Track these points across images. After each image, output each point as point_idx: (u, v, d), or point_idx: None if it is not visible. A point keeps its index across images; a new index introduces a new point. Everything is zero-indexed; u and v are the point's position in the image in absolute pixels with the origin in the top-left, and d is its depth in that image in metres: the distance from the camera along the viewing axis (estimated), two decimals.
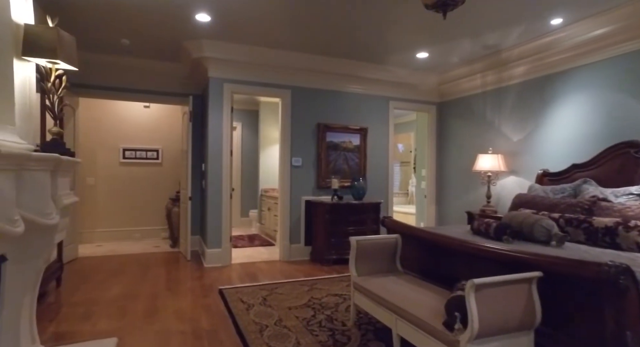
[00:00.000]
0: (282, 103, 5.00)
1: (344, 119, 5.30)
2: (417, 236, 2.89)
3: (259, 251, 5.57)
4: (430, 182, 5.88)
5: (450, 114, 5.70)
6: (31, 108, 2.06)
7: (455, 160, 5.56)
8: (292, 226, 5.02)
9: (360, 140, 5.39)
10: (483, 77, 4.93)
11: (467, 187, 5.31)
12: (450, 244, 2.52)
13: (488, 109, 4.98)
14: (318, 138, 5.13)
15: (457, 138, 5.53)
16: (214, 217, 4.63)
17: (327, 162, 5.18)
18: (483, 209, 4.59)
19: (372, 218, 4.99)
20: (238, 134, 8.03)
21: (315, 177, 5.14)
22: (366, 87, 5.38)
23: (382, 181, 5.56)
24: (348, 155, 5.32)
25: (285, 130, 4.98)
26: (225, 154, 4.69)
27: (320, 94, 5.15)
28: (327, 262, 4.71)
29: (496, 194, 4.79)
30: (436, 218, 5.89)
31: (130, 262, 4.75)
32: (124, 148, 6.18)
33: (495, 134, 4.85)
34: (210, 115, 4.63)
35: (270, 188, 7.11)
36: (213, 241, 4.61)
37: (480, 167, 4.57)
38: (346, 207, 4.79)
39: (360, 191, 5.02)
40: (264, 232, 7.01)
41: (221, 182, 4.66)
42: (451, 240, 2.51)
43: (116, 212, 6.12)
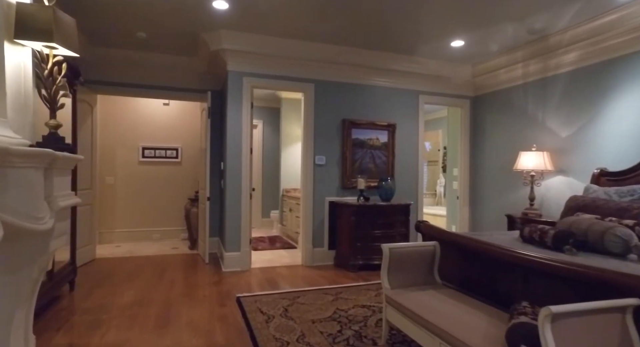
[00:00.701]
0: (305, 98, 4.71)
1: (370, 115, 4.95)
2: (459, 243, 2.52)
3: (280, 254, 5.30)
4: (463, 183, 5.45)
5: (485, 109, 5.25)
6: (27, 98, 1.84)
7: (492, 158, 5.11)
8: (315, 229, 4.72)
9: (388, 137, 5.02)
10: (525, 67, 4.47)
11: (504, 188, 4.86)
12: (501, 255, 2.15)
13: (530, 102, 4.51)
14: (343, 135, 4.81)
15: (494, 135, 5.08)
16: (233, 218, 4.39)
17: (353, 161, 4.85)
18: (525, 213, 4.15)
19: (401, 221, 4.62)
20: (259, 132, 7.82)
21: (340, 176, 4.82)
22: (394, 81, 5.01)
23: (412, 181, 5.18)
24: (375, 154, 4.97)
25: (308, 127, 4.69)
26: (245, 152, 4.44)
27: (345, 88, 4.83)
28: (353, 268, 4.38)
29: (540, 196, 4.33)
30: (470, 221, 5.45)
31: (147, 264, 4.58)
32: (143, 147, 6.05)
33: (539, 130, 4.39)
34: (229, 112, 4.39)
35: (292, 188, 6.84)
36: (232, 244, 4.37)
37: (523, 166, 4.13)
38: (373, 209, 4.45)
39: (389, 191, 4.66)
40: (285, 234, 6.75)
41: (240, 182, 4.42)
42: (503, 251, 2.13)
43: (135, 212, 6.00)
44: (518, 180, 4.62)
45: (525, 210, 4.18)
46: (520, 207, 4.55)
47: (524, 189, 4.54)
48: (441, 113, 7.78)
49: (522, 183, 4.42)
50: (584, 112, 3.88)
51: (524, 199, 4.53)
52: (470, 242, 2.40)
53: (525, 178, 4.27)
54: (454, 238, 2.60)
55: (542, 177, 4.16)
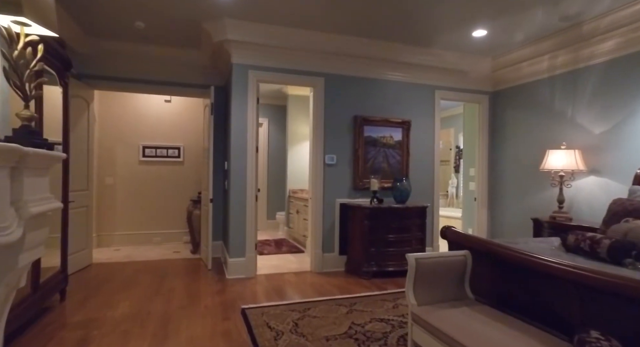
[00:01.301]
0: (314, 93, 4.41)
1: (383, 111, 4.64)
2: (495, 253, 2.20)
3: (287, 259, 5.00)
4: (481, 183, 5.12)
5: (505, 105, 4.92)
6: None
7: (513, 157, 4.77)
8: (325, 233, 4.42)
9: (402, 135, 4.71)
10: (552, 59, 4.14)
11: (528, 189, 4.53)
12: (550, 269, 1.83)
13: (558, 97, 4.18)
14: (354, 133, 4.50)
15: (515, 132, 4.74)
16: (237, 222, 4.09)
17: (365, 160, 4.55)
18: (553, 216, 3.82)
19: (418, 224, 4.30)
20: (264, 130, 7.53)
21: (352, 177, 4.51)
22: (409, 75, 4.70)
23: (427, 181, 4.86)
24: (388, 152, 4.66)
25: (317, 124, 4.39)
26: (250, 151, 4.14)
27: (357, 82, 4.52)
28: (366, 275, 4.07)
29: (568, 198, 3.99)
30: (488, 224, 5.12)
31: (146, 270, 4.30)
32: (144, 146, 5.78)
33: (568, 127, 4.05)
34: (233, 107, 4.10)
35: (299, 189, 6.55)
36: (236, 249, 4.08)
37: (551, 166, 3.80)
38: (388, 212, 4.14)
39: (404, 193, 4.35)
40: (292, 237, 6.45)
41: (245, 183, 4.13)
42: (553, 265, 1.82)
43: (135, 214, 5.73)
44: (544, 180, 4.29)
45: (554, 213, 3.85)
46: (546, 210, 4.23)
47: (550, 191, 4.21)
48: (454, 110, 7.45)
49: (550, 184, 4.09)
50: (622, 107, 3.54)
51: (550, 201, 4.20)
52: (509, 252, 2.08)
53: (554, 179, 3.94)
54: (488, 247, 2.28)
55: (573, 177, 3.83)
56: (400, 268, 4.12)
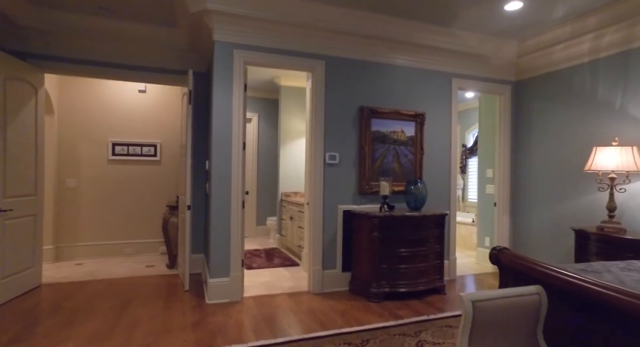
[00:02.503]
0: (313, 79, 3.70)
1: (394, 102, 3.95)
2: (589, 295, 1.51)
3: (280, 274, 4.27)
4: (502, 186, 4.46)
5: (532, 96, 4.27)
6: None
7: (542, 157, 4.13)
8: (325, 246, 3.71)
9: (415, 129, 4.03)
10: (597, 39, 3.50)
11: (561, 194, 3.88)
12: None
13: (602, 85, 3.54)
14: (360, 127, 3.80)
15: (545, 127, 4.10)
16: (220, 234, 3.36)
17: (373, 159, 3.85)
18: (602, 226, 3.18)
19: (436, 236, 3.62)
20: (254, 126, 6.79)
21: (357, 179, 3.81)
22: (424, 60, 4.02)
23: (443, 184, 4.18)
24: (399, 150, 3.97)
25: (316, 116, 3.67)
26: (236, 148, 3.41)
27: (363, 67, 3.83)
28: (375, 297, 3.37)
29: (618, 205, 3.35)
30: (511, 233, 4.47)
31: (108, 292, 3.53)
32: (113, 142, 5.00)
33: (617, 119, 3.42)
34: (215, 95, 3.36)
35: (292, 192, 5.83)
36: (218, 268, 3.34)
37: (600, 166, 3.15)
38: (402, 221, 3.45)
39: (419, 198, 3.66)
40: (285, 246, 5.73)
41: (229, 185, 3.39)
42: None
43: (103, 222, 4.94)
44: (584, 184, 3.65)
45: (602, 223, 3.20)
46: (588, 219, 3.59)
47: (591, 196, 3.57)
48: (461, 105, 6.81)
49: (598, 188, 3.44)
50: None
51: (591, 208, 3.56)
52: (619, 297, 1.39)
53: (602, 181, 3.29)
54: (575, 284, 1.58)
55: (628, 180, 3.19)
56: (414, 289, 3.44)
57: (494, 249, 1.93)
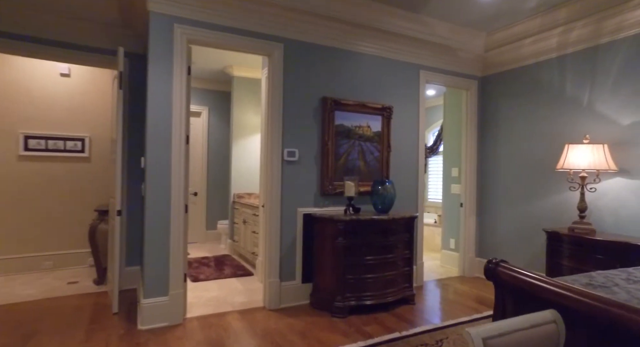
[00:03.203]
0: (270, 64, 3.23)
1: (359, 93, 3.60)
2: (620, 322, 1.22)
3: (231, 286, 3.76)
4: (469, 186, 4.29)
5: (499, 92, 4.13)
6: None
7: (509, 155, 3.99)
8: (284, 254, 3.26)
9: (382, 124, 3.70)
10: (565, 33, 3.38)
11: (531, 193, 3.76)
12: None
13: (570, 81, 3.44)
14: (323, 120, 3.40)
15: (512, 125, 3.96)
16: (157, 245, 2.79)
17: (336, 156, 3.47)
18: (573, 227, 3.04)
19: (405, 241, 3.31)
20: (203, 121, 6.16)
21: (319, 178, 3.41)
22: (391, 48, 3.71)
23: (411, 183, 3.90)
24: (365, 147, 3.62)
25: (273, 107, 3.22)
26: (178, 142, 2.86)
27: (327, 53, 3.43)
28: (340, 311, 2.99)
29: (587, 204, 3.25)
30: (477, 235, 4.31)
31: (5, 323, 2.82)
32: (26, 135, 4.17)
33: (585, 117, 3.32)
34: (151, 78, 2.79)
35: (246, 193, 5.31)
36: (154, 285, 2.77)
37: (572, 165, 3.01)
38: (369, 226, 3.10)
39: (387, 199, 3.33)
40: (237, 253, 5.19)
41: (169, 186, 2.83)
42: None
43: (11, 231, 4.10)
44: (554, 182, 3.53)
45: (573, 224, 3.07)
46: (557, 219, 3.47)
47: (560, 196, 3.45)
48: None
49: (569, 187, 3.31)
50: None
51: (561, 208, 3.45)
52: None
53: (573, 180, 3.16)
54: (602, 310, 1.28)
55: (598, 179, 3.07)
56: (382, 300, 3.11)
57: (490, 262, 1.60)
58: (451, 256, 4.62)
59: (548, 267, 3.13)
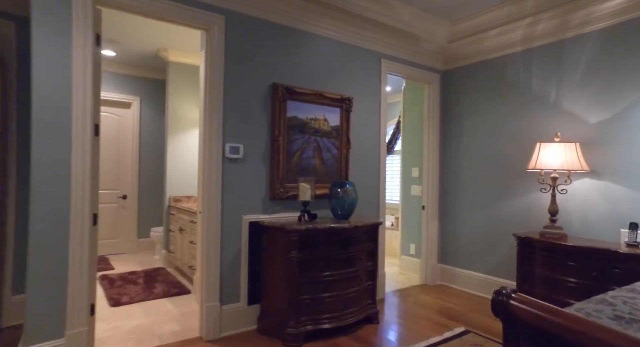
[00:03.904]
0: (210, 41, 2.65)
1: (315, 81, 3.13)
2: None
3: (161, 309, 3.10)
4: (430, 187, 4.00)
5: (463, 87, 3.89)
6: None
7: (475, 154, 3.76)
8: (226, 271, 2.69)
9: (340, 118, 3.26)
10: (531, 26, 3.19)
11: (497, 195, 3.54)
12: None
13: (536, 76, 3.25)
14: (274, 110, 2.88)
15: (477, 122, 3.74)
16: (47, 270, 2.09)
17: (289, 154, 2.96)
18: (544, 232, 2.83)
19: (368, 251, 2.90)
20: (134, 113, 5.34)
21: (268, 179, 2.88)
22: (351, 32, 3.28)
23: (372, 185, 3.51)
24: (322, 143, 3.16)
25: (212, 93, 2.63)
26: (81, 133, 2.18)
27: (278, 32, 2.91)
28: (295, 339, 2.49)
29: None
30: (439, 240, 4.04)
31: None
32: None
33: (552, 115, 3.14)
34: (37, 45, 2.08)
35: (185, 196, 4.62)
36: (42, 325, 2.07)
37: (545, 164, 2.79)
38: (328, 236, 2.64)
39: (348, 203, 2.90)
40: (173, 265, 4.49)
41: (68, 190, 2.14)
42: None
43: None
44: (523, 183, 3.33)
45: (544, 229, 2.85)
46: (524, 223, 3.27)
47: (531, 197, 3.26)
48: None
49: (540, 189, 3.10)
50: (629, 89, 2.70)
51: (530, 211, 3.25)
52: None
53: (544, 181, 2.95)
54: None
55: (569, 180, 2.88)
56: (342, 322, 2.66)
57: (500, 294, 1.20)
58: (411, 262, 4.32)
59: (519, 275, 2.89)
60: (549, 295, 2.68)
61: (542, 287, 2.73)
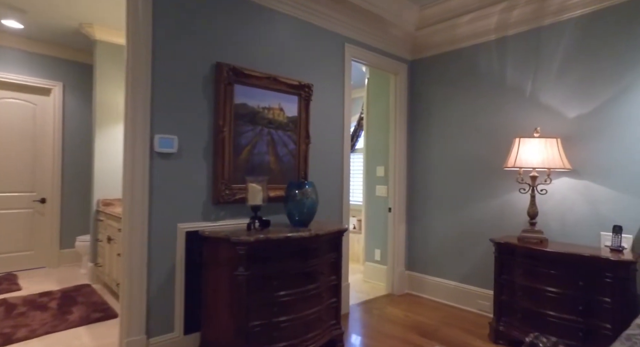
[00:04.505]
0: (131, 8, 2.07)
1: (270, 63, 2.65)
2: None
3: (72, 343, 2.45)
4: (397, 188, 3.67)
5: (433, 78, 3.59)
6: None
7: (446, 151, 3.47)
8: (155, 292, 2.14)
9: (299, 107, 2.81)
10: (506, 11, 2.93)
11: (470, 196, 3.27)
12: None
13: (511, 67, 3.01)
14: (217, 95, 2.36)
15: (449, 116, 3.45)
16: None
17: (237, 149, 2.45)
18: (523, 237, 2.57)
19: (330, 263, 2.48)
20: (56, 101, 4.52)
21: (211, 179, 2.36)
22: (312, 10, 2.84)
23: (335, 186, 3.10)
24: (277, 136, 2.68)
25: (136, 71, 2.07)
26: None
27: (227, 3, 2.39)
28: None
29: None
30: (407, 246, 3.71)
31: None
32: None
33: (529, 108, 2.91)
34: None
35: (117, 199, 3.94)
36: None
37: (525, 162, 2.53)
38: (284, 247, 2.17)
39: (307, 207, 2.45)
40: (101, 281, 3.80)
41: None
42: None
43: None
44: (498, 183, 3.07)
45: (523, 233, 2.59)
46: (501, 227, 3.01)
47: (506, 198, 3.00)
48: None
49: (519, 189, 2.84)
50: (611, 81, 2.50)
51: (506, 213, 3.00)
52: None
53: (524, 181, 2.69)
54: None
55: (549, 179, 2.64)
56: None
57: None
58: (376, 269, 3.97)
59: (497, 285, 2.61)
60: (531, 307, 2.41)
61: (523, 298, 2.46)
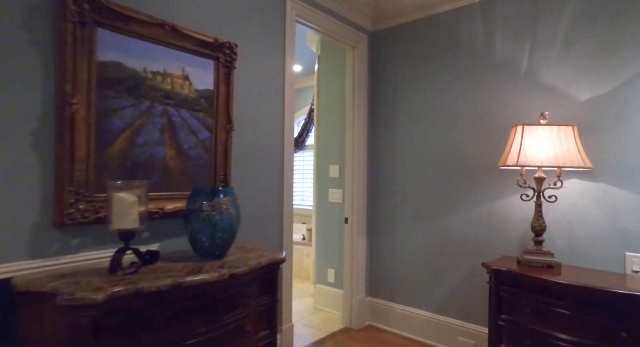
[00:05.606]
0: None
1: (166, 5, 1.71)
2: None
3: None
4: (356, 192, 2.87)
5: (400, 54, 2.83)
6: None
7: (417, 146, 2.73)
8: None
9: (215, 77, 1.89)
10: None
11: (450, 202, 2.55)
12: None
13: (500, 40, 2.32)
14: (62, 43, 1.38)
15: (421, 101, 2.71)
16: None
17: (104, 134, 1.49)
18: (527, 260, 1.87)
19: (259, 313, 1.60)
20: None
21: (50, 185, 1.37)
22: None
23: (271, 192, 2.22)
24: (179, 118, 1.75)
25: None
26: None
27: None
28: None
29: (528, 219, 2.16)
30: (369, 266, 2.93)
31: None
32: None
33: (525, 90, 2.23)
34: None
35: None
36: None
37: (527, 160, 1.83)
38: (169, 304, 1.26)
39: (221, 227, 1.54)
40: None
41: None
42: None
43: None
44: (483, 187, 2.37)
45: (527, 255, 1.90)
46: (490, 241, 2.31)
47: (500, 205, 2.31)
48: None
49: (521, 196, 2.12)
50: (637, 52, 1.87)
51: (493, 225, 2.30)
52: None
53: (526, 184, 1.99)
54: None
55: (560, 182, 1.96)
56: None
57: None
58: (330, 293, 3.16)
59: (493, 328, 1.89)
60: None
61: None
